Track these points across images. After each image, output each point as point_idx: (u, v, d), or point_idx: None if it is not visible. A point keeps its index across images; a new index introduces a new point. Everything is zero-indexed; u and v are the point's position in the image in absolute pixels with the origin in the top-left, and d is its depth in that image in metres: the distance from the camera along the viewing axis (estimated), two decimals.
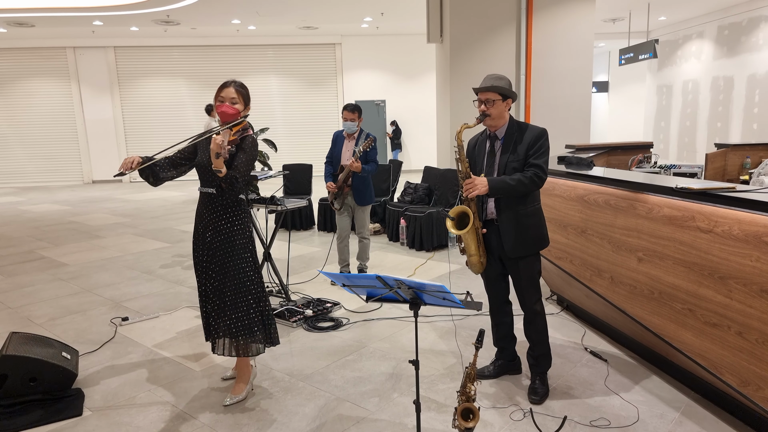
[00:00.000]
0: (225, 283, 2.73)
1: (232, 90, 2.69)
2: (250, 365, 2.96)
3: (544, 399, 2.77)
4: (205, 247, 2.77)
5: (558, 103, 6.70)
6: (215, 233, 2.73)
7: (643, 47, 10.92)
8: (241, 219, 2.77)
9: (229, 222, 2.73)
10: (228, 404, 2.82)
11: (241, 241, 2.74)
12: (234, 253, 2.73)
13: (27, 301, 4.61)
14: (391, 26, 12.63)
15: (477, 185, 2.59)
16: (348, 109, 4.61)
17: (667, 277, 2.66)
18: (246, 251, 2.76)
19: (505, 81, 2.68)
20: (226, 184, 2.60)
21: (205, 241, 2.76)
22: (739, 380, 2.33)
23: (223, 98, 2.69)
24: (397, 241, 6.38)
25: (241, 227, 2.76)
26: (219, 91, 2.71)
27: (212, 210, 2.74)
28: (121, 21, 11.13)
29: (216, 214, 2.73)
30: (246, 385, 2.91)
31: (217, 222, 2.73)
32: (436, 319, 3.91)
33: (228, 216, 2.73)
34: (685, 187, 2.56)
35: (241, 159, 2.67)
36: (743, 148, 5.54)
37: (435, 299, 2.11)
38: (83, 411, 2.81)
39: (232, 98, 2.69)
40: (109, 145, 13.82)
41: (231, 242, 2.72)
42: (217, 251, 2.73)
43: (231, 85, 2.71)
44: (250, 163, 2.71)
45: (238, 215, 2.76)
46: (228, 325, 2.75)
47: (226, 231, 2.72)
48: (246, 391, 2.90)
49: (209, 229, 2.74)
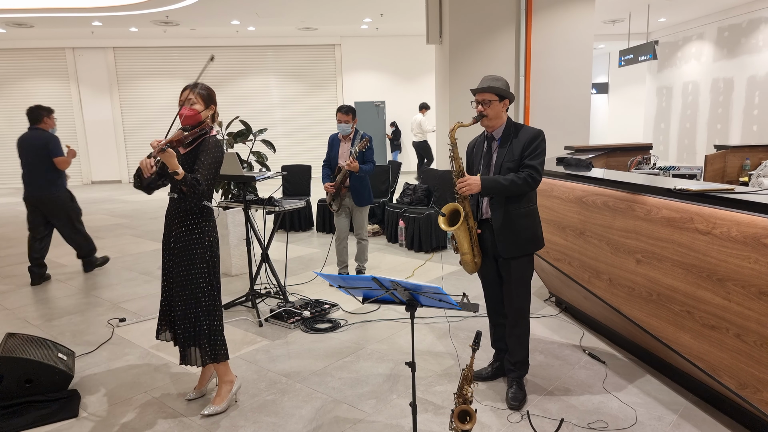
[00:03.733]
0: (178, 292, 2.67)
1: (188, 92, 2.66)
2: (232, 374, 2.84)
3: (524, 403, 2.76)
4: (168, 251, 2.72)
5: (557, 104, 6.70)
6: (176, 239, 2.67)
7: (642, 49, 10.92)
8: (201, 227, 2.67)
9: (188, 230, 2.65)
10: (206, 414, 2.71)
11: (198, 250, 2.65)
12: (190, 262, 2.65)
13: (24, 302, 4.60)
14: (390, 27, 12.63)
15: (470, 184, 2.58)
16: (342, 111, 4.60)
17: (666, 279, 2.65)
18: (202, 261, 2.66)
19: (502, 82, 2.68)
20: (186, 187, 2.51)
21: (169, 245, 2.72)
22: (738, 383, 2.32)
23: (183, 102, 2.66)
24: (395, 242, 6.37)
25: (200, 236, 2.66)
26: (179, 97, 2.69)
27: (175, 215, 2.68)
28: (121, 22, 11.13)
29: (178, 219, 2.67)
30: (227, 395, 2.79)
31: (179, 228, 2.67)
32: (434, 321, 3.90)
33: (188, 223, 2.66)
34: (684, 188, 2.55)
35: (202, 161, 2.59)
36: (742, 149, 5.54)
37: (431, 301, 2.10)
38: (79, 413, 2.80)
39: (189, 99, 2.64)
40: (109, 146, 13.81)
41: (188, 251, 2.65)
42: (176, 257, 2.67)
43: (188, 88, 2.67)
44: (213, 166, 2.61)
45: (198, 223, 2.66)
46: (178, 334, 2.70)
47: (184, 239, 2.65)
48: (227, 403, 2.78)
49: (173, 235, 2.69)
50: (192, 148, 2.67)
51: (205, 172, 2.59)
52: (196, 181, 2.53)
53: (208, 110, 2.71)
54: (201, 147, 2.64)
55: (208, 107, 2.70)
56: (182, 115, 2.63)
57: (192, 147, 2.67)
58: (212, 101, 2.74)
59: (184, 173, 2.52)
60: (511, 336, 2.83)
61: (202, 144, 2.64)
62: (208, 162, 2.60)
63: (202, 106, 2.67)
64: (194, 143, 2.67)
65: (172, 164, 2.48)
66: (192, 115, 2.63)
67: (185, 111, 2.63)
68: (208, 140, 2.65)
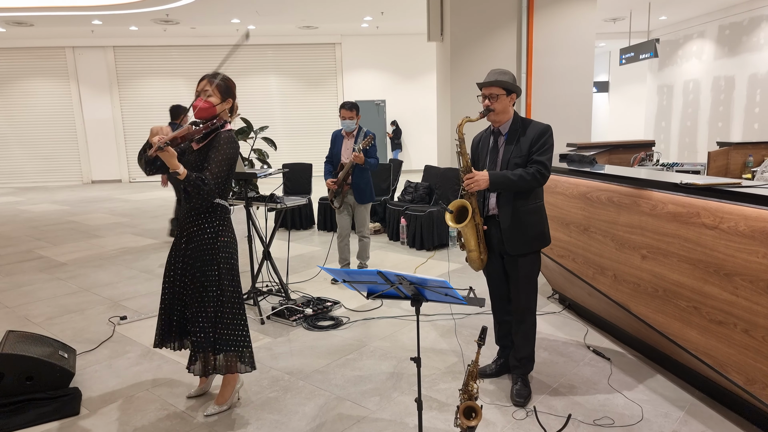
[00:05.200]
0: (193, 296, 2.53)
1: (205, 82, 2.50)
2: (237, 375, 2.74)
3: (528, 400, 2.74)
4: (179, 253, 2.58)
5: (559, 102, 6.68)
6: (189, 239, 2.53)
7: (643, 47, 10.89)
8: (214, 227, 2.49)
9: (200, 229, 2.50)
10: (209, 415, 2.64)
11: (210, 251, 2.49)
12: (203, 263, 2.50)
13: (25, 301, 4.58)
14: (391, 26, 12.60)
15: (478, 180, 2.55)
16: (346, 108, 4.57)
17: (672, 275, 2.62)
18: (216, 263, 2.50)
19: (509, 76, 2.65)
20: (190, 187, 2.34)
21: (180, 246, 2.57)
22: (746, 378, 2.30)
23: (199, 92, 2.51)
24: (397, 240, 6.34)
25: (213, 236, 2.49)
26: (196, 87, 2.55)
27: (187, 214, 2.54)
28: (121, 20, 11.10)
29: (190, 219, 2.52)
30: (230, 395, 2.72)
31: (191, 228, 2.52)
32: (437, 318, 3.88)
33: (200, 222, 2.50)
34: (690, 182, 2.53)
35: (212, 158, 2.43)
36: (745, 146, 5.51)
37: (437, 295, 2.08)
38: (80, 410, 2.78)
39: (205, 91, 2.49)
40: (108, 145, 13.78)
41: (201, 251, 2.50)
42: (189, 258, 2.53)
43: (205, 78, 2.51)
44: (225, 162, 2.43)
45: (211, 223, 2.50)
46: (194, 341, 2.54)
47: (197, 239, 2.50)
48: (229, 402, 2.71)
49: (184, 235, 2.55)
50: (205, 143, 2.52)
51: (214, 170, 2.43)
52: (201, 181, 2.36)
53: (224, 104, 2.54)
54: (213, 142, 2.49)
55: (224, 100, 2.54)
56: (195, 107, 2.48)
57: (205, 143, 2.52)
58: (230, 94, 2.57)
59: (187, 172, 2.35)
60: (517, 333, 2.81)
61: (215, 139, 2.49)
62: (218, 159, 2.44)
63: (218, 99, 2.51)
64: (207, 138, 2.52)
65: (172, 164, 2.31)
66: (206, 108, 2.47)
67: (199, 103, 2.47)
68: (221, 135, 2.49)
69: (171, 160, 2.32)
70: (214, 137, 2.51)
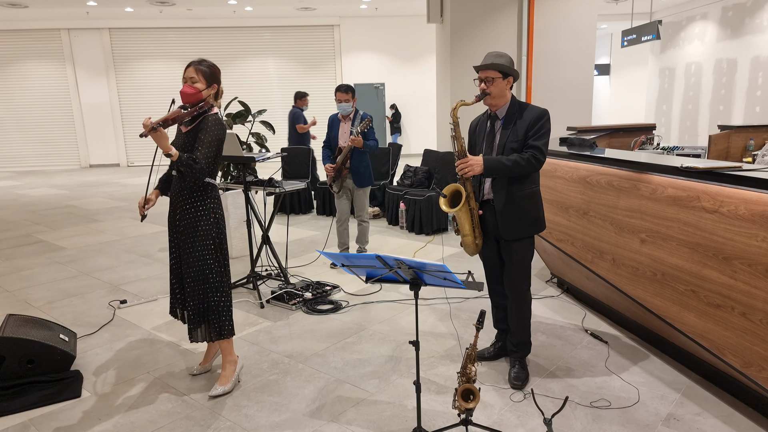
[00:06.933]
0: (186, 270, 2.67)
1: (191, 69, 2.62)
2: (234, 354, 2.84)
3: (526, 383, 2.76)
4: (173, 229, 2.73)
5: (560, 84, 6.61)
6: (182, 216, 2.66)
7: (646, 28, 10.76)
8: (206, 204, 2.66)
9: (193, 207, 2.64)
10: (214, 395, 2.71)
11: (204, 227, 2.64)
12: (195, 239, 2.64)
13: (25, 285, 4.59)
14: (390, 7, 12.43)
15: (472, 164, 2.53)
16: (341, 90, 4.53)
17: (671, 259, 2.63)
18: (208, 239, 2.65)
19: (506, 58, 2.61)
20: (182, 167, 2.49)
21: (174, 222, 2.71)
22: (742, 361, 2.31)
23: (186, 79, 2.62)
24: (396, 224, 6.34)
25: (204, 213, 2.65)
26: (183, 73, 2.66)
27: (179, 193, 2.67)
28: (116, 2, 10.94)
29: (182, 196, 2.65)
30: (232, 375, 2.80)
31: (183, 205, 2.65)
32: (436, 302, 3.89)
33: (192, 200, 2.64)
34: (691, 166, 2.51)
35: (201, 139, 2.56)
36: (746, 129, 5.48)
37: (436, 279, 2.08)
38: (82, 393, 2.80)
39: (191, 77, 2.60)
40: (106, 129, 13.70)
41: (193, 228, 2.64)
42: (182, 235, 2.66)
43: (191, 65, 2.63)
44: (214, 143, 2.58)
45: (203, 201, 2.65)
46: (188, 311, 2.70)
47: (190, 215, 2.64)
48: (233, 383, 2.79)
49: (177, 212, 2.68)
50: (193, 126, 2.64)
51: (204, 150, 2.56)
52: (193, 160, 2.50)
53: (209, 89, 2.66)
54: (201, 125, 2.61)
55: (210, 86, 2.66)
56: (182, 92, 2.60)
57: (193, 126, 2.65)
58: (215, 80, 2.69)
59: (178, 153, 2.48)
60: (512, 317, 2.82)
61: (203, 122, 2.61)
62: (207, 140, 2.57)
63: (203, 84, 2.63)
64: (195, 122, 2.64)
65: (164, 146, 2.43)
66: (192, 93, 2.59)
67: (185, 89, 2.60)
68: (208, 118, 2.61)
69: (162, 141, 2.44)
70: (201, 120, 2.63)
